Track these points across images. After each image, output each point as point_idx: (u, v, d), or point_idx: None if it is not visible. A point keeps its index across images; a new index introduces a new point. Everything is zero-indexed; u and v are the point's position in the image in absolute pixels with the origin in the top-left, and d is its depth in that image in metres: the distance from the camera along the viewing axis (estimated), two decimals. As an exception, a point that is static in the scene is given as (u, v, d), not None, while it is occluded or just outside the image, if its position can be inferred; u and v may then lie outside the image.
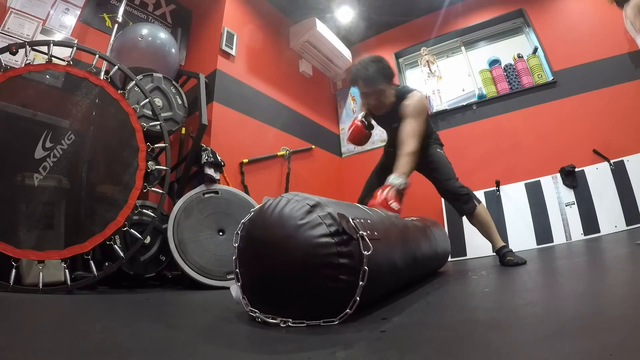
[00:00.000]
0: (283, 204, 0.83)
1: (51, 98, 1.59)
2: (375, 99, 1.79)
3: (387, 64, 1.78)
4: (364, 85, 1.77)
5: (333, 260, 0.76)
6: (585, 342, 0.51)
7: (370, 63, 1.74)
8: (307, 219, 0.79)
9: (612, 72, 2.86)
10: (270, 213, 0.83)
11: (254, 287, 0.86)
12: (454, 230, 2.92)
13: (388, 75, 1.76)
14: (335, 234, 0.77)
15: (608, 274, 1.21)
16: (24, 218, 1.37)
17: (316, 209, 0.81)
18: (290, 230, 0.78)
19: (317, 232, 0.77)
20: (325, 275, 0.76)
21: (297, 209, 0.81)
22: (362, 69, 1.74)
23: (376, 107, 1.84)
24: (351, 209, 0.94)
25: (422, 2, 3.75)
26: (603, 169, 2.65)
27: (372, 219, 0.98)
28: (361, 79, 1.76)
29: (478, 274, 1.66)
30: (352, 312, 0.77)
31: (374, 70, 1.72)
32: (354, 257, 0.77)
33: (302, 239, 0.77)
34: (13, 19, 2.19)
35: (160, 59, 2.37)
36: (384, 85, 1.76)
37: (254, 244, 0.86)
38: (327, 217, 0.79)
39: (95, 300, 1.38)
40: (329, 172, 3.74)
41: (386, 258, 0.95)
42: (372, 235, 0.87)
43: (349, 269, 0.77)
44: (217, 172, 2.17)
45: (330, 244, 0.76)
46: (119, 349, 0.64)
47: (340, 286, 0.76)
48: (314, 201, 0.83)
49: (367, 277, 0.78)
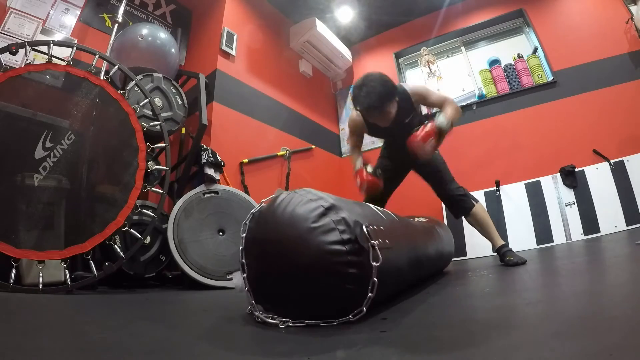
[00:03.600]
0: (296, 202, 0.80)
1: (51, 98, 1.59)
2: (388, 115, 1.69)
3: (388, 77, 1.67)
4: (381, 108, 1.63)
5: (342, 270, 0.74)
6: (585, 342, 0.51)
7: (381, 84, 1.61)
8: (321, 222, 0.76)
9: (612, 72, 2.86)
10: (283, 210, 0.80)
11: (258, 282, 0.86)
12: (454, 230, 2.90)
13: (395, 87, 1.68)
14: (347, 241, 0.75)
15: (608, 274, 1.21)
16: (24, 218, 1.37)
17: (330, 212, 0.78)
18: (302, 232, 0.76)
19: (329, 238, 0.75)
20: (332, 283, 0.74)
21: (311, 210, 0.78)
22: (379, 92, 1.59)
23: (386, 121, 1.73)
24: (365, 211, 0.92)
25: (422, 2, 3.74)
26: (603, 169, 2.65)
27: (384, 224, 0.95)
28: (381, 101, 1.61)
29: (478, 274, 1.66)
30: (354, 319, 0.76)
31: (388, 90, 1.62)
32: (364, 267, 0.75)
33: (313, 243, 0.75)
34: (13, 19, 2.19)
35: (160, 59, 2.37)
36: (395, 99, 1.68)
37: (263, 239, 0.84)
38: (341, 222, 0.76)
39: (95, 300, 1.38)
40: (329, 172, 3.73)
41: (394, 265, 0.93)
42: (384, 244, 0.84)
43: (356, 278, 0.75)
44: (217, 172, 2.17)
45: (342, 252, 0.74)
46: (119, 349, 0.64)
47: (345, 294, 0.75)
48: (329, 203, 0.80)
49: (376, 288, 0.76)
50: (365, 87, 1.61)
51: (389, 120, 1.71)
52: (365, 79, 1.63)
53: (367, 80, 1.62)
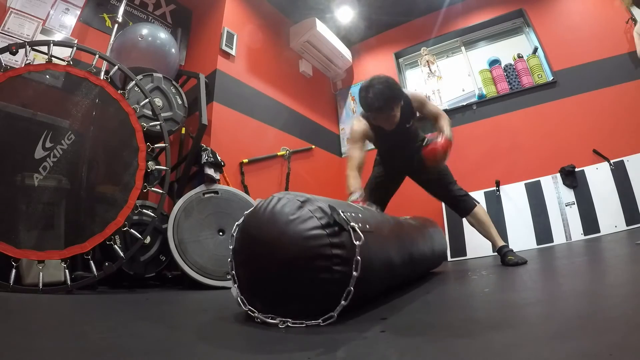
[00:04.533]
0: (274, 203, 0.85)
1: (51, 98, 1.59)
2: (394, 118, 1.68)
3: (394, 80, 1.67)
4: (388, 109, 1.63)
5: (326, 252, 0.77)
6: (585, 342, 0.51)
7: (388, 87, 1.61)
8: (298, 214, 0.80)
9: (612, 72, 2.86)
10: (263, 212, 0.85)
11: (252, 286, 0.87)
12: (454, 230, 2.92)
13: (401, 90, 1.69)
14: (326, 225, 0.79)
15: (608, 274, 1.20)
16: (24, 218, 1.37)
17: (306, 204, 0.83)
18: (282, 226, 0.80)
19: (308, 225, 0.78)
20: (320, 266, 0.76)
21: (288, 205, 0.83)
22: (387, 94, 1.60)
23: (392, 124, 1.72)
24: (343, 206, 0.95)
25: (422, 2, 3.75)
26: (603, 169, 2.65)
27: (363, 213, 0.99)
28: (388, 103, 1.61)
29: (478, 273, 1.66)
30: (347, 303, 0.77)
31: (396, 92, 1.64)
32: (347, 248, 0.79)
33: (294, 233, 0.78)
34: (13, 19, 2.19)
35: (160, 59, 2.37)
36: (401, 102, 1.69)
37: (249, 243, 0.87)
38: (318, 210, 0.81)
39: (95, 300, 1.38)
40: (329, 172, 3.73)
41: (380, 250, 0.96)
42: (364, 227, 0.88)
43: (342, 259, 0.78)
44: (217, 172, 2.17)
45: (322, 235, 0.77)
46: (119, 349, 0.64)
47: (335, 277, 0.77)
48: (304, 197, 0.85)
49: (361, 268, 0.78)
50: (373, 89, 1.60)
51: (394, 123, 1.71)
52: (372, 80, 1.63)
53: (375, 81, 1.62)
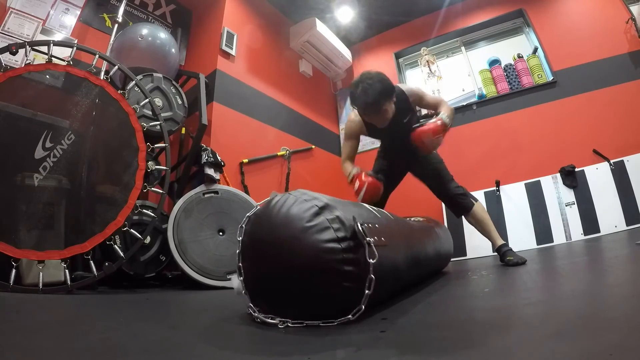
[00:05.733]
0: (290, 203, 0.81)
1: (51, 98, 1.59)
2: (385, 114, 1.64)
3: (385, 76, 1.63)
4: (378, 105, 1.60)
5: (338, 267, 0.74)
6: (585, 342, 0.51)
7: (378, 82, 1.58)
8: (315, 222, 0.77)
9: (612, 72, 2.86)
10: (277, 211, 0.81)
11: (256, 284, 0.86)
12: (454, 230, 2.91)
13: (392, 86, 1.65)
14: (342, 239, 0.75)
15: (608, 274, 1.20)
16: (24, 218, 1.36)
17: (324, 211, 0.79)
18: (296, 232, 0.76)
19: (324, 236, 0.75)
20: (329, 281, 0.74)
21: (305, 210, 0.78)
22: (376, 89, 1.56)
23: (384, 121, 1.69)
24: (360, 210, 0.92)
25: (422, 2, 3.75)
26: (603, 169, 2.65)
27: (379, 222, 0.95)
28: (378, 99, 1.57)
29: (478, 274, 1.66)
30: (354, 318, 0.76)
31: (385, 87, 1.59)
32: (360, 265, 0.75)
33: (308, 243, 0.75)
34: (13, 19, 2.19)
35: (160, 59, 2.37)
36: (392, 98, 1.66)
37: (259, 240, 0.84)
38: (335, 220, 0.77)
39: (95, 300, 1.38)
40: (329, 172, 3.73)
41: (390, 264, 0.93)
42: (379, 241, 0.84)
43: (353, 276, 0.75)
44: (217, 172, 2.17)
45: (337, 250, 0.74)
46: (119, 349, 0.64)
47: (343, 293, 0.75)
48: (323, 202, 0.80)
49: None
50: (362, 84, 1.58)
51: (386, 120, 1.67)
52: (362, 76, 1.62)
53: (364, 77, 1.60)
